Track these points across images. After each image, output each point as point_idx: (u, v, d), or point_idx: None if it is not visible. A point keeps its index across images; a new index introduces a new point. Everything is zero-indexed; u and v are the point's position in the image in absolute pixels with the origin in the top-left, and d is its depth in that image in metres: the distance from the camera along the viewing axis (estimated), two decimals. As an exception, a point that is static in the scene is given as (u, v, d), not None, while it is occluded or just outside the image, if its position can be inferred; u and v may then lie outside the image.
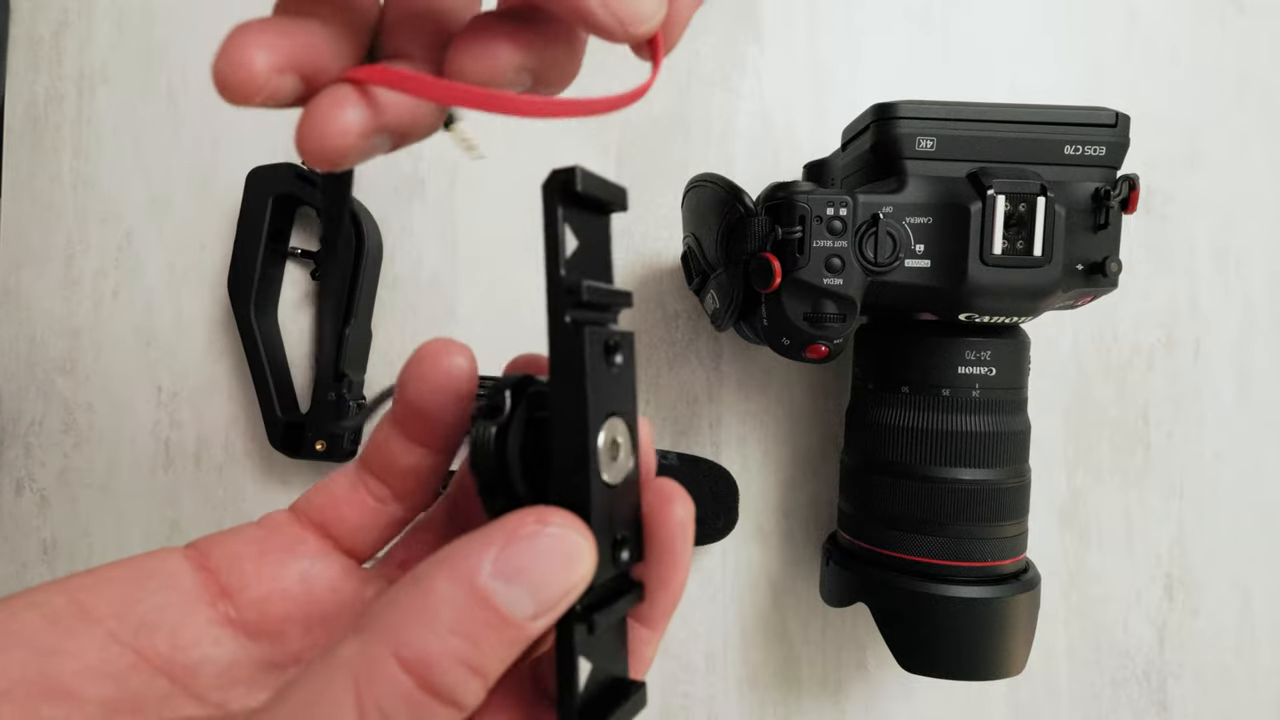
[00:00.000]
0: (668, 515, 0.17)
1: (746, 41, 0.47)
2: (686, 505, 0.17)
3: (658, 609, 0.18)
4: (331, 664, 0.13)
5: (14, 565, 0.47)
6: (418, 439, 0.19)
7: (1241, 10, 0.48)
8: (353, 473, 0.20)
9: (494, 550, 0.14)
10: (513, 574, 0.14)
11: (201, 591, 0.17)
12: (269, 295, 0.46)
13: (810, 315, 0.34)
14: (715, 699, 0.46)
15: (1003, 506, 0.36)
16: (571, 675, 0.15)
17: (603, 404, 0.15)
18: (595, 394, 0.15)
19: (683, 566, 0.17)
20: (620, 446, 0.16)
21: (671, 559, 0.17)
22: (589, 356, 0.15)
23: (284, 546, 0.18)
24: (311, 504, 0.19)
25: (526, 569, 0.14)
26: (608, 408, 0.16)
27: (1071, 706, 0.47)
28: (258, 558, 0.18)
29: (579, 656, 0.15)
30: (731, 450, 0.47)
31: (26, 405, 0.47)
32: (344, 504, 0.19)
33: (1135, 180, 0.33)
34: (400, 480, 0.19)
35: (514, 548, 0.14)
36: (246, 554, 0.18)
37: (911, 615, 0.36)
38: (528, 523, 0.14)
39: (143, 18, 0.47)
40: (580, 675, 0.15)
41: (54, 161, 0.47)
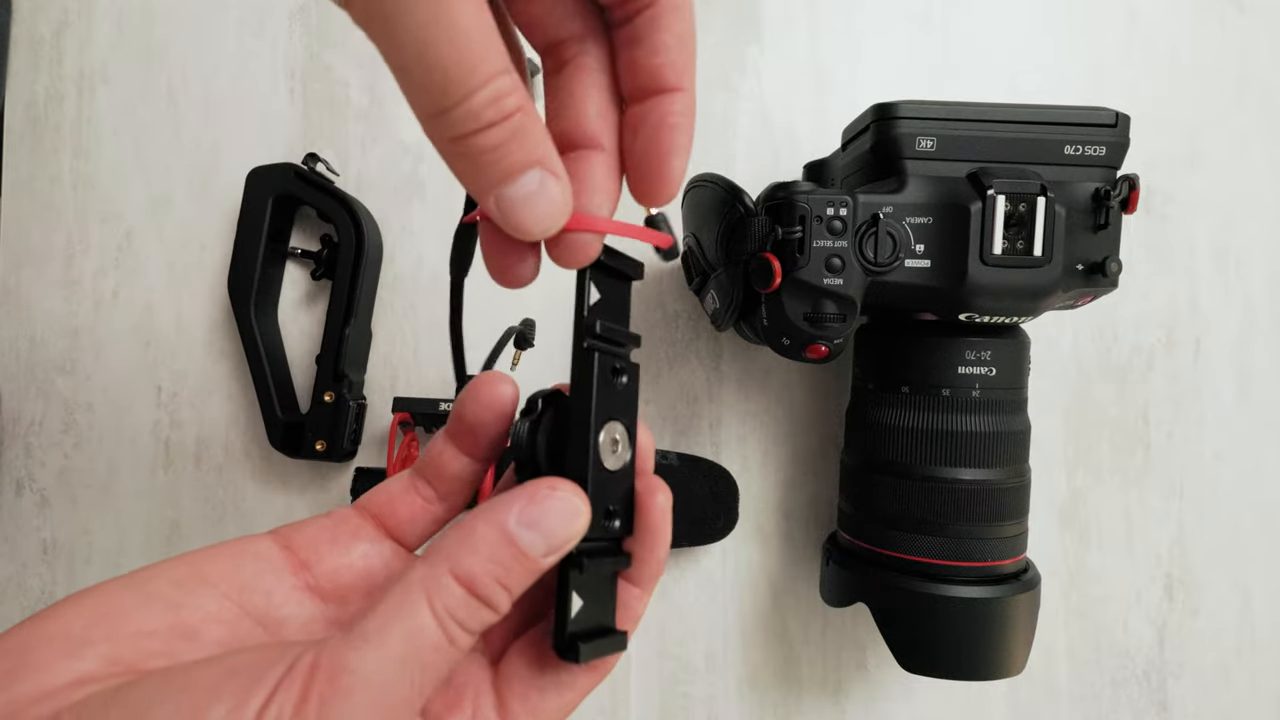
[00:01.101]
0: (653, 501, 0.22)
1: (746, 41, 0.47)
2: (667, 495, 0.22)
3: (645, 572, 0.22)
4: (407, 581, 0.18)
5: (14, 565, 0.47)
6: (466, 450, 0.23)
7: (1241, 10, 0.48)
8: (407, 478, 0.24)
9: (519, 505, 0.19)
10: (531, 523, 0.19)
11: (286, 565, 0.22)
12: (269, 295, 0.46)
13: (810, 315, 0.34)
14: (715, 699, 0.46)
15: (1003, 506, 0.36)
16: (565, 604, 0.20)
17: (604, 410, 0.21)
18: (599, 402, 0.21)
19: (663, 541, 0.22)
20: (619, 443, 0.21)
21: (654, 533, 0.22)
22: (597, 374, 0.21)
23: (349, 533, 0.23)
24: (372, 501, 0.24)
25: (540, 520, 0.19)
26: (609, 414, 0.21)
27: (1071, 706, 0.47)
28: (330, 541, 0.23)
29: (572, 590, 0.20)
30: (731, 450, 0.47)
31: (26, 405, 0.47)
32: (398, 502, 0.24)
33: (1135, 180, 0.33)
34: (446, 484, 0.24)
35: (533, 504, 0.19)
36: (321, 538, 0.23)
37: (911, 615, 0.36)
38: (543, 488, 0.19)
39: (143, 18, 0.47)
40: (572, 606, 0.20)
41: (54, 161, 0.47)
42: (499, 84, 0.17)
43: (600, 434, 0.21)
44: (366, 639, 0.17)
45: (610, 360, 0.21)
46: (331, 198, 0.44)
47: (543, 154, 0.18)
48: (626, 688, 0.46)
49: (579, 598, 0.20)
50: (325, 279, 0.46)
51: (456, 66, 0.16)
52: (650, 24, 0.20)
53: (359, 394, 0.46)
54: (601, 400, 0.21)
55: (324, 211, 0.45)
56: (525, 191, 0.18)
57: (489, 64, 0.16)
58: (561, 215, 0.19)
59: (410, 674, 0.18)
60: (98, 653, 0.18)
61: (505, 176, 0.18)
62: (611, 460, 0.21)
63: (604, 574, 0.21)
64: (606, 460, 0.21)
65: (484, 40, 0.16)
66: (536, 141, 0.18)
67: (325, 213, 0.45)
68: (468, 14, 0.16)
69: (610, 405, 0.21)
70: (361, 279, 0.44)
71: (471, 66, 0.16)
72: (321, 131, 0.47)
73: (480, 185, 0.18)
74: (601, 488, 0.21)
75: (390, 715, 0.17)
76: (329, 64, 0.47)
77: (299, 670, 0.17)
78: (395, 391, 0.47)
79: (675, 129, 0.20)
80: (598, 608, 0.21)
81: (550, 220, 0.19)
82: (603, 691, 0.46)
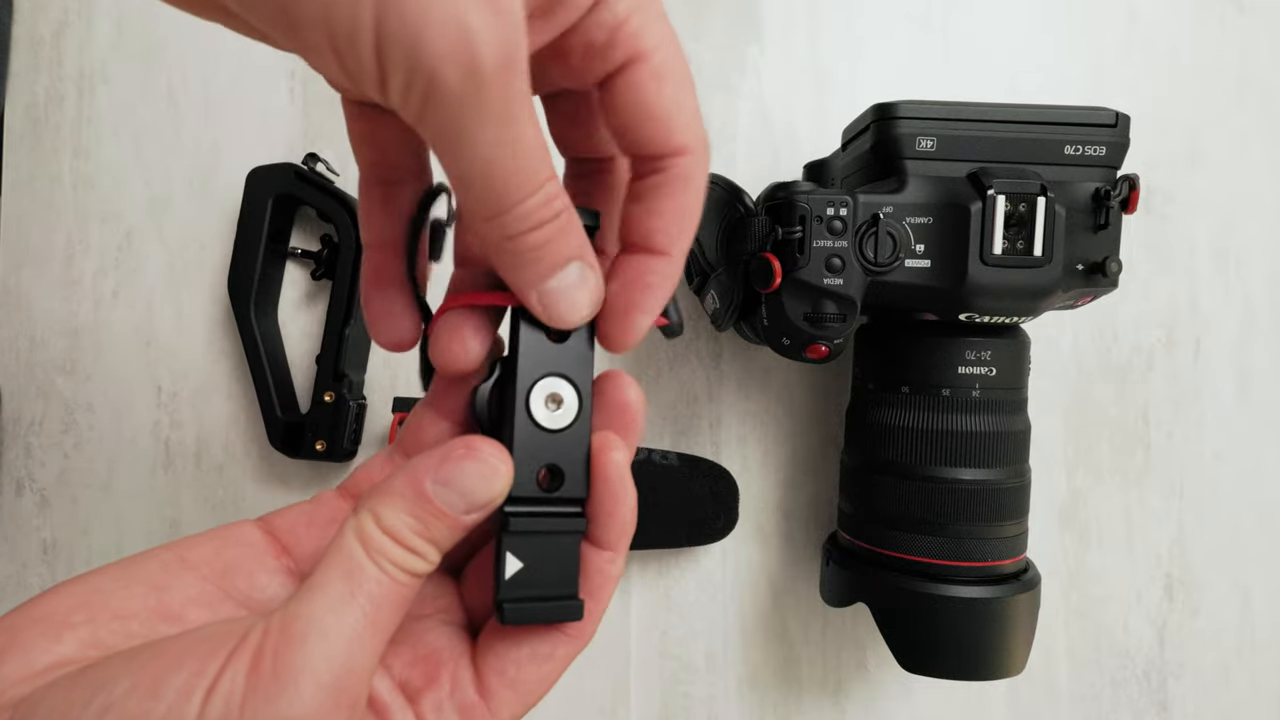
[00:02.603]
0: (606, 458, 0.21)
1: (746, 41, 0.47)
2: (624, 451, 0.22)
3: (610, 533, 0.22)
4: (341, 530, 0.19)
5: (14, 565, 0.47)
6: (444, 413, 0.24)
7: (1241, 10, 0.48)
8: (386, 454, 0.25)
9: (434, 465, 0.19)
10: (445, 481, 0.19)
11: (268, 549, 0.22)
12: (269, 295, 0.46)
13: (810, 315, 0.34)
14: (715, 699, 0.46)
15: (1003, 506, 0.36)
16: (500, 565, 0.20)
17: (535, 367, 0.21)
18: (525, 360, 0.21)
19: (623, 500, 0.22)
20: (560, 401, 0.21)
21: (609, 491, 0.21)
22: (523, 330, 0.21)
23: (328, 516, 0.23)
24: (354, 481, 0.24)
25: (454, 479, 0.19)
26: (545, 370, 0.21)
27: (1071, 706, 0.47)
28: (308, 523, 0.23)
29: (505, 552, 0.20)
30: (731, 450, 0.47)
31: (26, 405, 0.47)
32: (378, 479, 0.24)
33: (1135, 180, 0.33)
34: None
35: (447, 464, 0.19)
36: (300, 521, 0.23)
37: (911, 615, 0.36)
38: (458, 447, 0.20)
39: (143, 18, 0.47)
40: (506, 568, 0.20)
41: (54, 161, 0.47)
42: (549, 188, 0.18)
43: (532, 392, 0.21)
44: (311, 588, 0.18)
45: None
46: (331, 198, 0.44)
47: (581, 248, 0.20)
48: (626, 688, 0.46)
49: (515, 559, 0.20)
50: (325, 279, 0.46)
51: (516, 177, 0.17)
52: (655, 190, 0.21)
53: (359, 394, 0.46)
54: (530, 357, 0.21)
55: (324, 211, 0.45)
56: (566, 283, 0.20)
57: (542, 172, 0.18)
58: (597, 304, 0.21)
59: (358, 612, 0.18)
60: (78, 636, 0.18)
61: (549, 271, 0.19)
62: (548, 419, 0.21)
63: (549, 537, 0.21)
64: (541, 419, 0.21)
65: (539, 152, 0.18)
66: (576, 237, 0.20)
67: (325, 213, 0.45)
68: (529, 132, 0.17)
69: (545, 362, 0.21)
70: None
71: (528, 176, 0.18)
72: (321, 131, 0.47)
73: (526, 279, 0.20)
74: (533, 447, 0.21)
75: (350, 660, 0.18)
76: (329, 64, 0.47)
77: (254, 633, 0.17)
78: (395, 391, 0.47)
79: (649, 289, 0.21)
80: (547, 571, 0.21)
81: (588, 309, 0.20)
82: (603, 691, 0.46)
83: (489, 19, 0.15)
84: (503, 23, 0.15)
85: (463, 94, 0.16)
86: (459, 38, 0.15)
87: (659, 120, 0.20)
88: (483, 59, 0.15)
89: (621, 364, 0.47)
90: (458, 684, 0.21)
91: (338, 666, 0.18)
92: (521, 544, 0.21)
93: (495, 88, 0.16)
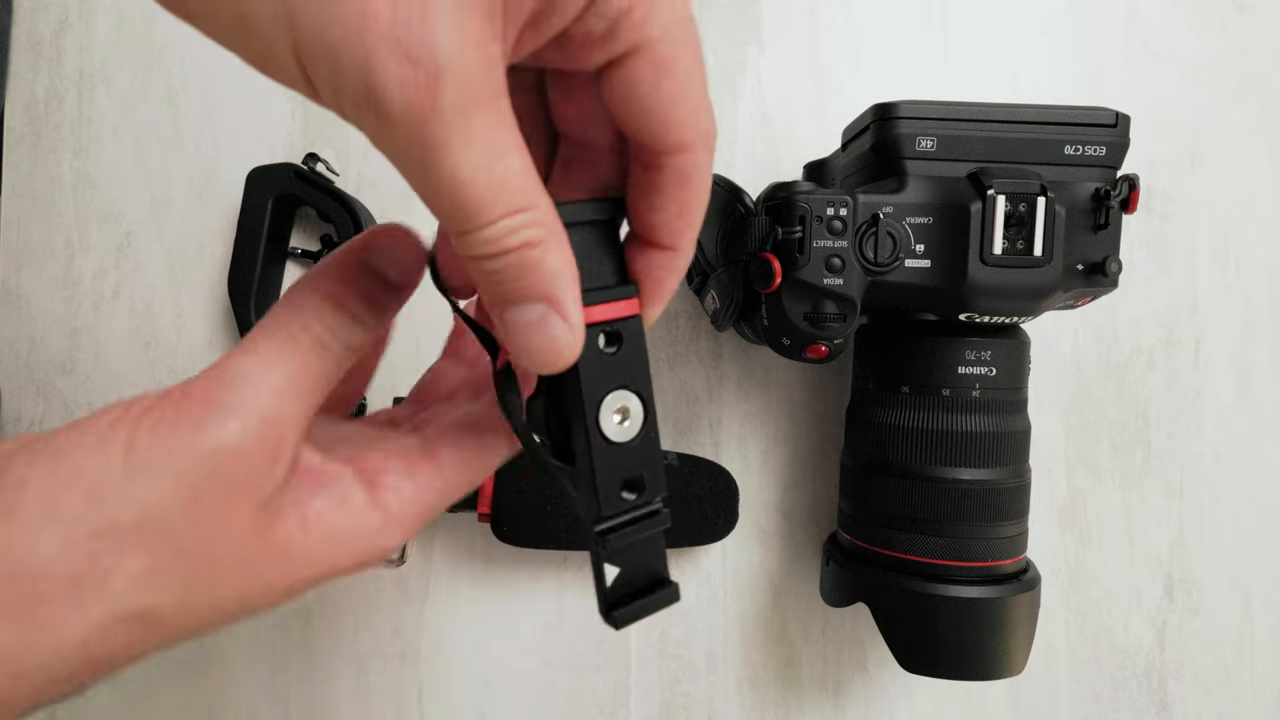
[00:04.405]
0: None
1: (746, 41, 0.47)
2: None
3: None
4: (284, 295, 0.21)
5: (14, 565, 0.47)
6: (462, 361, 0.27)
7: (1241, 10, 0.48)
8: None
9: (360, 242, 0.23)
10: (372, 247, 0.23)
11: None
12: (269, 295, 0.46)
13: (810, 315, 0.34)
14: (715, 699, 0.46)
15: (1003, 506, 0.36)
16: (600, 577, 0.21)
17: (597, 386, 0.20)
18: (587, 379, 0.20)
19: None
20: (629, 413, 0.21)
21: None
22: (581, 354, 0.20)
23: None
24: None
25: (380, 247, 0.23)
26: (607, 386, 0.21)
27: (1071, 706, 0.47)
28: None
29: (604, 565, 0.21)
30: (731, 450, 0.47)
31: (26, 405, 0.47)
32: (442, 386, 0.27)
33: (1135, 180, 0.33)
34: None
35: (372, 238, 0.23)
36: None
37: (911, 615, 0.36)
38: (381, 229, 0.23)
39: (143, 18, 0.47)
40: (607, 577, 0.21)
41: (54, 161, 0.47)
42: (513, 221, 0.17)
43: (600, 411, 0.20)
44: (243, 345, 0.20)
45: (595, 333, 0.20)
46: (331, 198, 0.44)
47: (553, 292, 0.18)
48: (626, 688, 0.46)
49: (613, 568, 0.21)
50: (325, 279, 0.46)
51: (480, 203, 0.17)
52: (656, 186, 0.20)
53: (359, 394, 0.46)
54: (591, 374, 0.20)
55: (324, 211, 0.45)
56: (524, 319, 0.18)
57: (502, 204, 0.17)
58: (560, 359, 0.19)
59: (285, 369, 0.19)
60: None
61: (507, 301, 0.18)
62: (619, 433, 0.21)
63: (639, 541, 0.21)
64: (613, 435, 0.20)
65: (512, 182, 0.17)
66: (548, 280, 0.18)
67: (325, 213, 0.45)
68: (512, 165, 0.17)
69: (606, 376, 0.20)
70: (361, 279, 0.44)
71: (493, 202, 0.17)
72: (321, 131, 0.47)
73: (489, 300, 0.19)
74: (612, 465, 0.21)
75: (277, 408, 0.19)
76: (329, 64, 0.47)
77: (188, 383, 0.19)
78: (395, 391, 0.47)
79: (657, 283, 0.21)
80: (641, 569, 0.21)
81: (544, 356, 0.19)
82: (603, 691, 0.46)
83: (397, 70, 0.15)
84: (418, 72, 0.15)
85: (398, 133, 0.16)
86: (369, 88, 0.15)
87: (655, 116, 0.19)
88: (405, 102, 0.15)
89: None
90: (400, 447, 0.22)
91: (265, 410, 0.18)
92: (617, 555, 0.21)
93: (435, 124, 0.16)
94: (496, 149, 0.17)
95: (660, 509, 0.22)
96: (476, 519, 0.43)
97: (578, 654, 0.46)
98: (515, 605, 0.46)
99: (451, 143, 0.16)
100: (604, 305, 0.20)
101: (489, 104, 0.16)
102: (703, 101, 0.19)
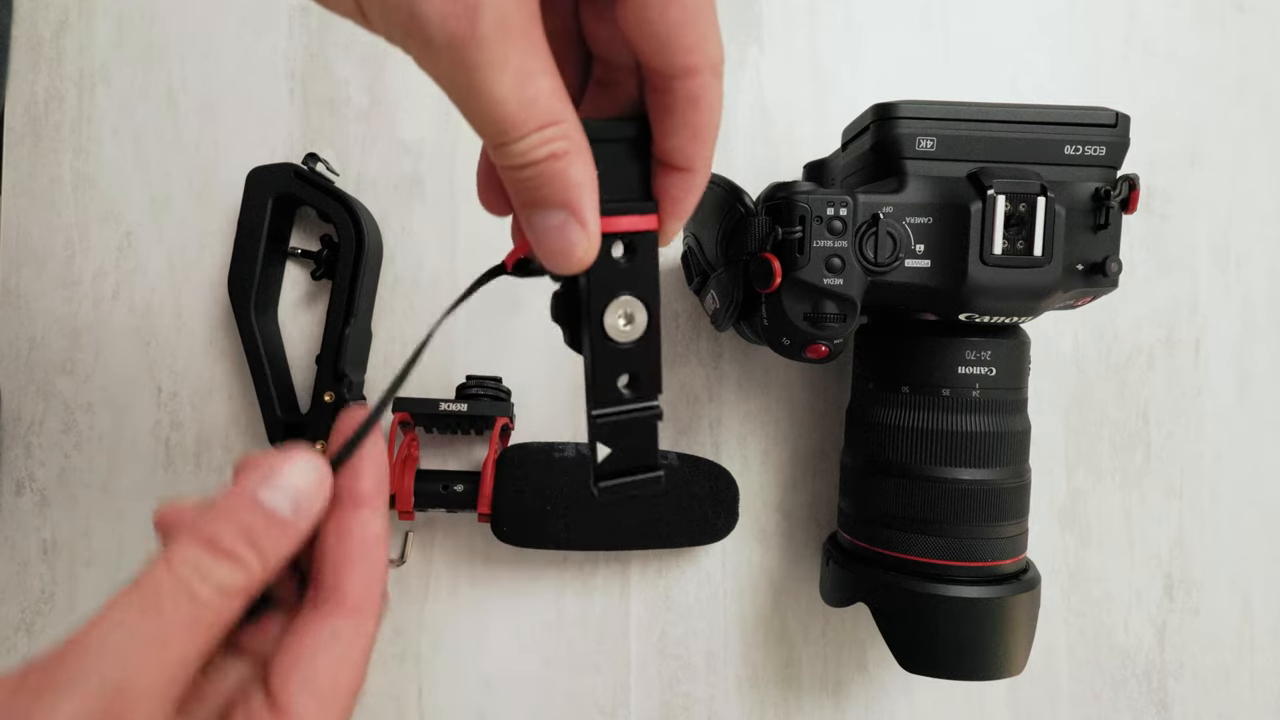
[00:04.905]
0: None
1: (746, 41, 0.47)
2: None
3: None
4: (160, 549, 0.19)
5: (14, 565, 0.47)
6: None
7: (1241, 10, 0.48)
8: None
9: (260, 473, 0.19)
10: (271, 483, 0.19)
11: None
12: (269, 295, 0.46)
13: (810, 315, 0.34)
14: (715, 699, 0.46)
15: (1003, 506, 0.36)
16: (594, 453, 0.23)
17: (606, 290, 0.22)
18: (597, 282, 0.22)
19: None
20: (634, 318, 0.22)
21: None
22: None
23: None
24: None
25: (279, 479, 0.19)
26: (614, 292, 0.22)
27: (1071, 706, 0.47)
28: None
29: (596, 442, 0.23)
30: (731, 450, 0.47)
31: (26, 405, 0.47)
32: None
33: (1135, 180, 0.33)
34: None
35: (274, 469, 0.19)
36: None
37: (911, 615, 0.36)
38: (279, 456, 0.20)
39: (143, 18, 0.47)
40: (598, 454, 0.23)
41: (54, 161, 0.47)
42: (542, 135, 0.19)
43: (606, 312, 0.22)
44: (108, 604, 0.17)
45: (612, 240, 0.22)
46: (331, 198, 0.44)
47: (574, 201, 0.20)
48: (626, 688, 0.46)
49: (604, 447, 0.23)
50: (325, 279, 0.46)
51: (513, 119, 0.19)
52: (667, 109, 0.21)
53: (359, 394, 0.46)
54: (600, 279, 0.22)
55: (324, 211, 0.45)
56: (548, 224, 0.20)
57: (534, 119, 0.19)
58: (576, 262, 0.21)
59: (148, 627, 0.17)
60: None
61: (534, 205, 0.20)
62: (620, 334, 0.22)
63: (631, 425, 0.23)
64: (614, 334, 0.22)
65: (537, 100, 0.19)
66: (571, 189, 0.20)
67: (325, 213, 0.45)
68: (542, 86, 0.19)
69: (615, 282, 0.22)
70: (361, 279, 0.44)
71: (525, 119, 0.19)
72: (321, 131, 0.47)
73: (519, 204, 0.21)
74: (611, 361, 0.22)
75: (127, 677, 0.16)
76: (329, 64, 0.47)
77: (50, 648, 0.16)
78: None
79: (675, 202, 0.22)
80: (630, 454, 0.23)
81: (562, 259, 0.20)
82: (603, 691, 0.46)
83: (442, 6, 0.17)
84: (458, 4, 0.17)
85: (442, 59, 0.18)
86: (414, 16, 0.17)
87: (664, 39, 0.19)
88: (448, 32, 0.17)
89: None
90: (251, 710, 0.19)
91: (110, 682, 0.16)
92: (608, 434, 0.23)
93: (474, 50, 0.17)
94: (528, 71, 0.18)
95: (655, 406, 0.23)
96: (476, 519, 0.43)
97: (578, 654, 0.46)
98: (515, 605, 0.46)
99: (489, 67, 0.18)
100: (623, 218, 0.22)
101: (522, 32, 0.18)
102: (710, 28, 0.20)
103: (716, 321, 0.38)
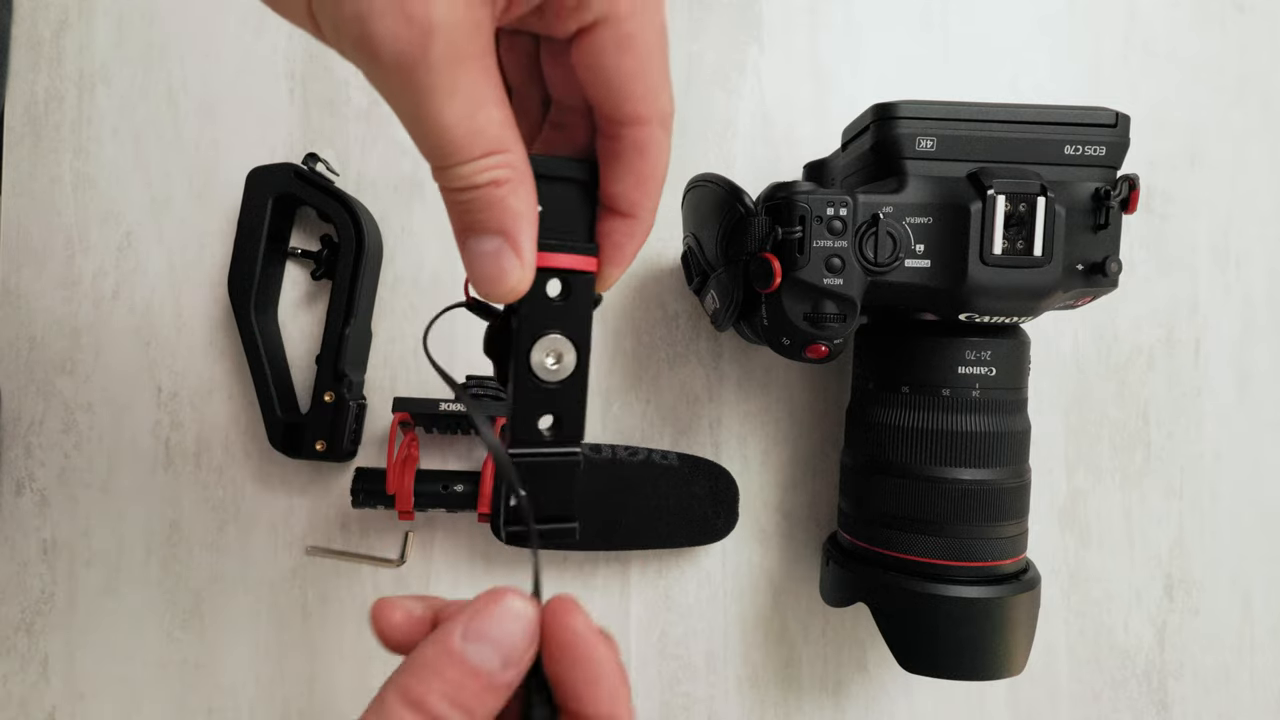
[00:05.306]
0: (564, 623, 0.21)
1: (746, 41, 0.47)
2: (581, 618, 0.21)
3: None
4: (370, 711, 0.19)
5: (14, 565, 0.47)
6: None
7: (1241, 10, 0.48)
8: None
9: (463, 620, 0.19)
10: (478, 636, 0.19)
11: None
12: (269, 295, 0.46)
13: (810, 315, 0.34)
14: (715, 699, 0.46)
15: (1003, 506, 0.36)
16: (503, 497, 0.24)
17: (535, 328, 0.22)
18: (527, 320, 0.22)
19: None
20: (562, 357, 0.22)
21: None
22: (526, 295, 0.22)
23: None
24: None
25: (487, 631, 0.19)
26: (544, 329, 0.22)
27: (1071, 706, 0.47)
28: None
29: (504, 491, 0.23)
30: (731, 450, 0.47)
31: (26, 405, 0.47)
32: None
33: (1135, 180, 0.33)
34: None
35: (477, 618, 0.19)
36: None
37: (911, 615, 0.36)
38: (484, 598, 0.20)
39: (143, 18, 0.47)
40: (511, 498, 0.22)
41: (54, 161, 0.47)
42: (484, 163, 0.19)
43: (533, 350, 0.22)
44: None
45: (548, 276, 0.22)
46: (331, 198, 0.44)
47: (511, 229, 0.20)
48: (626, 688, 0.46)
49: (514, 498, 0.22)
50: (325, 279, 0.46)
51: (458, 144, 0.19)
52: (615, 155, 0.21)
53: (359, 394, 0.46)
54: (531, 317, 0.22)
55: (324, 211, 0.45)
56: (481, 250, 0.20)
57: (478, 146, 0.19)
58: (509, 291, 0.21)
59: None
60: None
61: (469, 230, 0.20)
62: (546, 372, 0.22)
63: (550, 471, 0.23)
64: (539, 371, 0.22)
65: (490, 130, 0.19)
66: (509, 217, 0.20)
67: (325, 213, 0.45)
68: (492, 116, 0.19)
69: (547, 320, 0.22)
70: (361, 279, 0.44)
71: (470, 145, 0.19)
72: (321, 131, 0.47)
73: (455, 227, 0.21)
74: (535, 400, 0.22)
75: None
76: (329, 64, 0.47)
77: None
78: (395, 391, 0.47)
79: (617, 247, 0.22)
80: (548, 501, 0.23)
81: (494, 286, 0.20)
82: (603, 691, 0.46)
83: (392, 23, 0.17)
84: (411, 28, 0.17)
85: (391, 78, 0.18)
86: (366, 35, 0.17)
87: (615, 87, 0.20)
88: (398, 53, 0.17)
89: (625, 360, 0.47)
90: None
91: None
92: (524, 475, 0.22)
93: (424, 73, 0.17)
94: (479, 100, 0.18)
95: (576, 452, 0.23)
96: (476, 519, 0.43)
97: (578, 654, 0.46)
98: (515, 605, 0.46)
99: (438, 91, 0.18)
100: (562, 255, 0.22)
101: (474, 60, 0.18)
102: (662, 80, 0.20)
103: (716, 321, 0.38)
